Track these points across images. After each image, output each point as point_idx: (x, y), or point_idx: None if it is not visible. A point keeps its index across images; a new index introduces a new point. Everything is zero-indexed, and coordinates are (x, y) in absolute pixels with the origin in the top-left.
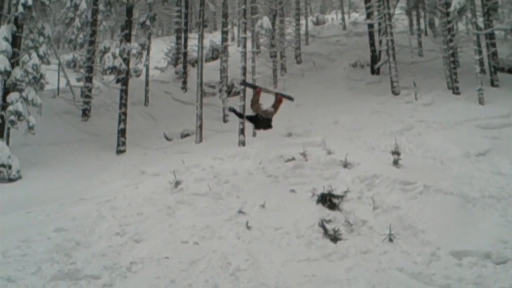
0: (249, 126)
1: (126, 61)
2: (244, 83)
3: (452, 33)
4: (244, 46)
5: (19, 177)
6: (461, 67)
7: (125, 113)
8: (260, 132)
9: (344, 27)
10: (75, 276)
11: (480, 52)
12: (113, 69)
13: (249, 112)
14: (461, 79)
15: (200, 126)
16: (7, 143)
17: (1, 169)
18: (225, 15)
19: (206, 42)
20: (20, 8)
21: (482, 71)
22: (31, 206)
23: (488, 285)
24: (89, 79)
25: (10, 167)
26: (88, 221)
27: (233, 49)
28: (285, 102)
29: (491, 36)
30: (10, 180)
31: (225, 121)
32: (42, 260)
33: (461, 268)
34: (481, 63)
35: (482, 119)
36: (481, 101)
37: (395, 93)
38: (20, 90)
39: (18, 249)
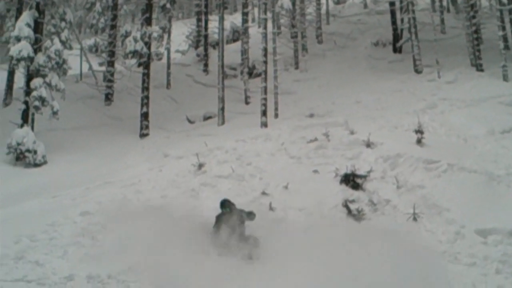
0: (271, 107)
1: (148, 44)
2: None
3: (475, 9)
4: (265, 27)
5: (45, 162)
6: (485, 43)
7: (147, 97)
8: (283, 113)
9: (365, 6)
10: (102, 258)
11: (503, 28)
12: (134, 53)
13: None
14: (484, 55)
15: (222, 108)
16: (32, 128)
17: (27, 154)
18: None
19: (227, 24)
20: None
21: (506, 47)
22: (57, 190)
23: None
24: (111, 64)
25: (35, 152)
26: (113, 205)
27: (254, 31)
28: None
29: None
30: (36, 165)
31: (247, 102)
32: (68, 244)
33: (486, 246)
34: (505, 39)
35: (506, 96)
36: (505, 78)
37: (418, 71)
38: (44, 76)
39: (45, 233)
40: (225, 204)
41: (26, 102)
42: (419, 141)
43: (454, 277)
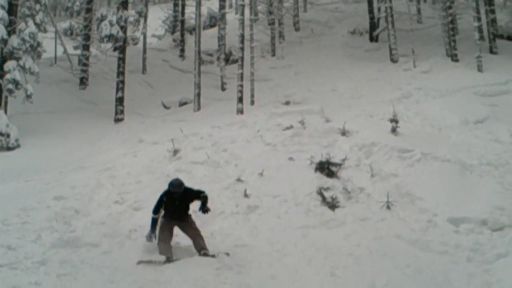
0: (247, 94)
1: (123, 29)
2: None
3: (451, 0)
4: (242, 13)
5: (18, 146)
6: (460, 34)
7: (122, 81)
8: (259, 100)
9: None
10: (75, 243)
11: (479, 19)
12: (110, 37)
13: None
14: (460, 46)
15: (198, 94)
16: (5, 111)
17: (0, 138)
18: None
19: (204, 10)
20: None
21: (481, 38)
22: (30, 175)
23: (484, 252)
24: (86, 47)
25: (8, 135)
26: (87, 189)
27: (231, 17)
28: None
29: (490, 2)
30: (9, 148)
31: (223, 89)
32: (41, 228)
33: (458, 235)
34: (480, 30)
35: (480, 86)
36: (479, 68)
37: (394, 60)
38: (17, 59)
39: (18, 217)
40: (175, 185)
41: None
42: (393, 130)
43: (426, 265)
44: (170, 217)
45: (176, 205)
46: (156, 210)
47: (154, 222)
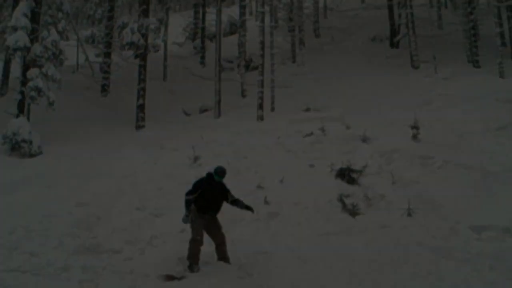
0: (267, 101)
1: (145, 36)
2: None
3: (472, 6)
4: (262, 21)
5: (40, 153)
6: (482, 40)
7: (144, 89)
8: (279, 107)
9: (363, 0)
10: (97, 250)
11: (501, 25)
12: (131, 45)
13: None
14: (481, 52)
15: (219, 101)
16: (28, 118)
17: (23, 145)
18: None
19: (224, 17)
20: None
21: (503, 44)
22: (52, 181)
23: (507, 259)
24: (107, 55)
25: (31, 142)
26: (108, 196)
27: (251, 24)
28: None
29: None
30: (31, 155)
31: (243, 96)
32: (63, 235)
33: (480, 243)
34: (502, 36)
35: (502, 92)
36: (501, 75)
37: (415, 66)
38: (40, 66)
39: (40, 223)
40: (221, 171)
41: (22, 92)
42: (415, 137)
43: (447, 273)
44: (205, 208)
45: (215, 195)
46: (194, 192)
47: (189, 203)
